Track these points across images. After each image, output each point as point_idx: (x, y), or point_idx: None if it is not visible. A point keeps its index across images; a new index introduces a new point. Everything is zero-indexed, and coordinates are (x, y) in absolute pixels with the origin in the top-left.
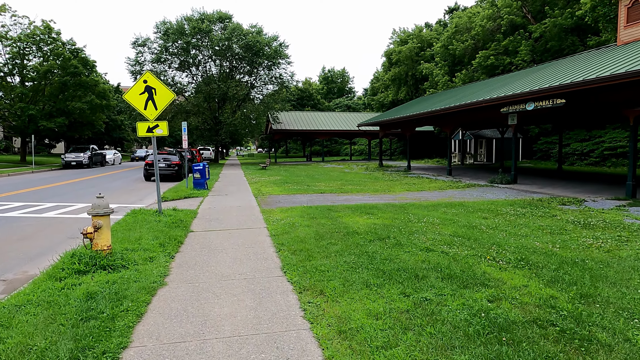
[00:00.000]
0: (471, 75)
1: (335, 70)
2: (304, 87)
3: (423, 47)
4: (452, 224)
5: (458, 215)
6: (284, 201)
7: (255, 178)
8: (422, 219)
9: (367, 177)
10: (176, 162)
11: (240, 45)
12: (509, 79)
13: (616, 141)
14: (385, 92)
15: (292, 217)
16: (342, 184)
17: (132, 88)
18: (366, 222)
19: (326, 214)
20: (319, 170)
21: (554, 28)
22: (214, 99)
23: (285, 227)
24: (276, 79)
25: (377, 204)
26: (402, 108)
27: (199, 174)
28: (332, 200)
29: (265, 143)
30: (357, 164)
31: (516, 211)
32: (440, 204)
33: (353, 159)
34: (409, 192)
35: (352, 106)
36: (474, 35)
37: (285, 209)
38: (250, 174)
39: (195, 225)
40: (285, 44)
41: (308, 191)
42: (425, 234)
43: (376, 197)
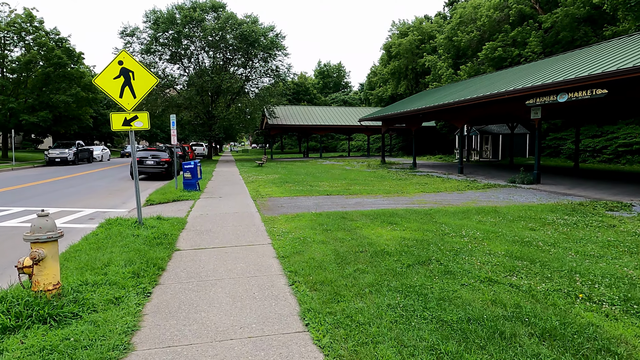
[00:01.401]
0: (477, 68)
1: (331, 65)
2: (299, 82)
3: (424, 39)
4: (499, 239)
5: (498, 225)
6: (287, 205)
7: (252, 176)
8: (459, 231)
9: (372, 175)
10: (166, 160)
11: (235, 35)
12: (528, 70)
13: (631, 137)
14: (384, 86)
15: (301, 228)
16: (347, 184)
17: (104, 71)
18: (392, 235)
19: (341, 224)
20: (318, 168)
21: (565, 18)
22: (207, 93)
23: (294, 243)
24: (272, 71)
25: (397, 210)
26: (406, 102)
27: (189, 174)
28: (342, 204)
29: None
30: (357, 161)
31: (564, 220)
32: (470, 210)
33: (351, 155)
34: (425, 194)
35: (348, 101)
36: (479, 26)
37: (290, 217)
38: (246, 172)
39: (183, 241)
40: (282, 35)
41: (312, 192)
42: (473, 253)
43: (390, 200)
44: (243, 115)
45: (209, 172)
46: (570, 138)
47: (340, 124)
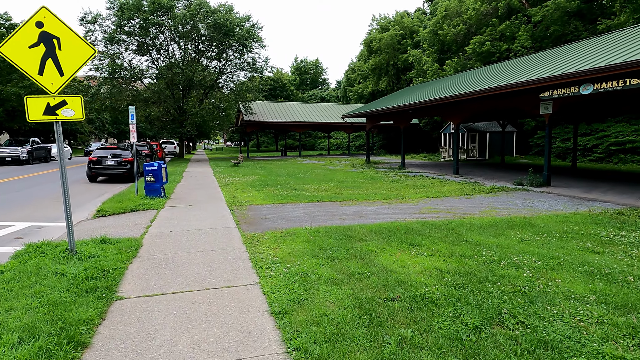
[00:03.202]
0: (464, 63)
1: (308, 61)
2: (276, 77)
3: (405, 34)
4: (565, 269)
5: (547, 245)
6: (272, 217)
7: (228, 178)
8: (506, 257)
9: (360, 176)
10: (128, 159)
11: (208, 24)
12: (527, 63)
13: (623, 135)
14: (364, 82)
15: (297, 253)
16: (336, 187)
17: (14, 35)
18: (422, 264)
19: (348, 247)
20: (300, 168)
21: (556, 11)
22: (178, 86)
23: (292, 283)
24: (248, 64)
25: (409, 224)
26: (391, 98)
27: (152, 177)
28: (340, 214)
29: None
30: (339, 160)
31: (622, 237)
32: (498, 223)
33: (331, 153)
34: (430, 200)
35: (326, 98)
36: (466, 20)
37: (279, 235)
38: (221, 173)
39: (130, 281)
40: (258, 26)
41: (299, 198)
42: (552, 299)
43: (394, 209)
44: (217, 111)
45: (178, 172)
46: (559, 136)
47: (320, 121)
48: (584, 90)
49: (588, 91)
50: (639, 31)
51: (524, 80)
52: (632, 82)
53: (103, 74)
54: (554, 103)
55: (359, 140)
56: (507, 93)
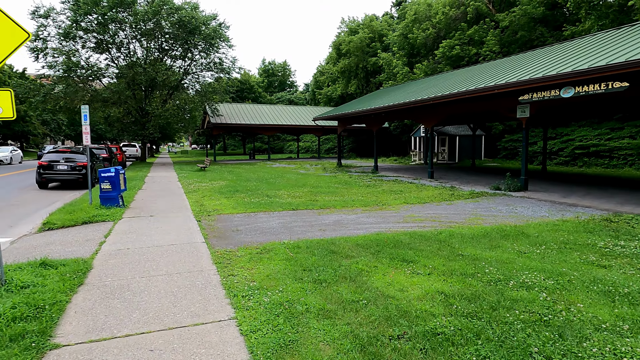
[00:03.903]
0: (434, 67)
1: (276, 63)
2: (243, 79)
3: (374, 38)
4: (578, 289)
5: (548, 259)
6: (245, 228)
7: (194, 184)
8: (511, 274)
9: (333, 181)
10: (83, 164)
11: (172, 22)
12: (502, 65)
13: (587, 139)
14: (333, 85)
15: (277, 276)
16: (311, 193)
17: None
18: (422, 286)
19: (335, 267)
20: (270, 172)
21: (523, 17)
22: (140, 86)
23: (276, 318)
24: (215, 64)
25: (397, 236)
26: (362, 100)
27: (109, 184)
28: (319, 225)
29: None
30: (309, 163)
31: (622, 247)
32: (489, 233)
33: (301, 156)
34: (411, 206)
35: (294, 100)
36: (435, 24)
37: (254, 252)
38: (187, 178)
39: (72, 321)
40: (225, 25)
41: (273, 206)
42: (580, 330)
43: (377, 217)
44: (182, 113)
45: (140, 178)
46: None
47: (289, 124)
48: (565, 94)
49: (569, 94)
50: (620, 34)
51: (503, 83)
52: (615, 85)
53: (57, 72)
54: (531, 106)
55: (329, 143)
56: (486, 96)
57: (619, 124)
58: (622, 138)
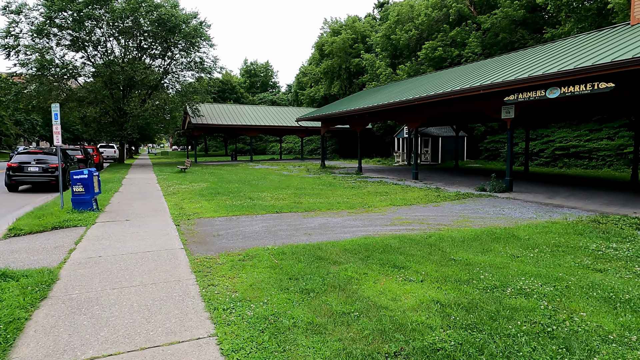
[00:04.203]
0: (417, 68)
1: (258, 64)
2: (225, 79)
3: (357, 39)
4: (576, 295)
5: (542, 262)
6: (226, 233)
7: (173, 186)
8: (507, 280)
9: (317, 182)
10: (56, 165)
11: (151, 20)
12: (487, 66)
13: (567, 141)
14: (316, 86)
15: (261, 285)
16: (295, 195)
17: None
18: (415, 295)
19: (323, 274)
20: (252, 173)
21: (504, 19)
22: (117, 85)
23: (260, 335)
24: (196, 64)
25: (385, 239)
26: (346, 101)
27: (81, 187)
28: (304, 228)
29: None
30: (292, 165)
31: (615, 250)
32: (479, 236)
33: (283, 158)
34: (398, 208)
35: (277, 101)
36: (418, 25)
37: (237, 258)
38: (166, 180)
39: (31, 342)
40: (206, 23)
41: (256, 209)
42: (584, 340)
43: (363, 220)
44: (162, 114)
45: (117, 180)
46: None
47: (272, 125)
48: (551, 94)
49: (555, 95)
50: (605, 35)
51: (488, 84)
52: (600, 85)
53: (30, 71)
54: (516, 107)
55: (312, 144)
56: (471, 96)
57: (597, 125)
58: (601, 139)
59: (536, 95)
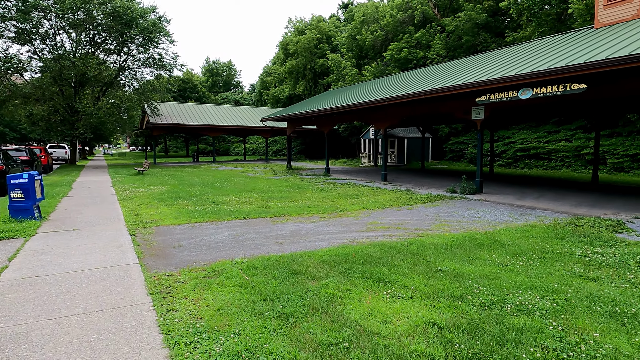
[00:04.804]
0: (382, 69)
1: (220, 62)
2: (186, 78)
3: (322, 39)
4: (577, 309)
5: (532, 271)
6: (188, 243)
7: (130, 189)
8: (503, 294)
9: (285, 184)
10: None
11: (105, 13)
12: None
13: (527, 142)
14: (281, 86)
15: (231, 311)
16: (262, 198)
17: None
18: (408, 317)
19: (301, 293)
20: (216, 175)
21: (467, 22)
22: (68, 82)
23: None
24: (155, 60)
25: (364, 248)
26: (312, 101)
27: (21, 192)
28: (276, 236)
29: (140, 140)
30: (257, 166)
31: (598, 254)
32: (461, 242)
33: (247, 159)
34: (371, 212)
35: (240, 101)
36: (383, 26)
37: (201, 275)
38: (122, 183)
39: None
40: (166, 18)
41: (221, 215)
42: None
43: (337, 225)
44: (118, 112)
45: (67, 183)
46: (471, 142)
47: (235, 125)
48: (523, 95)
49: (527, 96)
50: (572, 38)
51: (460, 84)
52: (573, 87)
53: None
54: (486, 108)
55: (277, 145)
56: (442, 97)
57: (555, 127)
58: (559, 141)
59: (508, 96)
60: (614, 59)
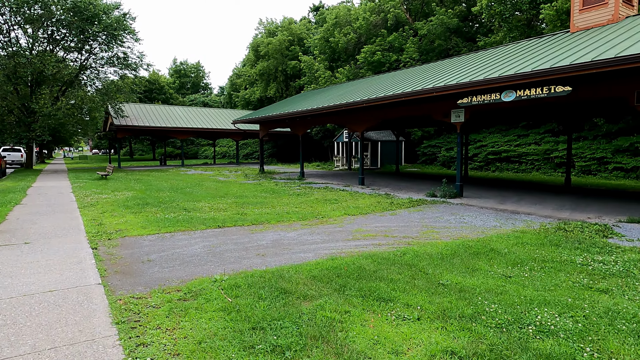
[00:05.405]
0: (356, 72)
1: (188, 63)
2: (152, 79)
3: (294, 41)
4: (606, 329)
5: (539, 283)
6: (159, 257)
7: (92, 195)
8: (517, 313)
9: (259, 189)
10: None
11: (65, 8)
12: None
13: (498, 145)
14: (252, 88)
15: (214, 346)
16: (237, 204)
17: None
18: (420, 344)
19: (295, 317)
20: (186, 180)
21: (440, 27)
22: (24, 80)
23: None
24: (119, 59)
25: (356, 260)
26: (286, 103)
27: None
28: (256, 247)
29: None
30: (228, 170)
31: (599, 262)
32: (455, 251)
33: (217, 162)
34: (354, 218)
35: (209, 103)
36: (356, 29)
37: (175, 297)
38: (83, 188)
39: None
40: (131, 16)
41: (194, 223)
42: None
43: (321, 234)
44: (79, 113)
45: (21, 189)
46: (444, 146)
47: (205, 127)
48: (506, 97)
49: (510, 98)
50: (550, 41)
51: (442, 86)
52: (557, 89)
53: None
54: (466, 111)
55: (247, 148)
56: (422, 99)
57: (524, 131)
58: (529, 144)
59: (491, 99)
60: (601, 61)
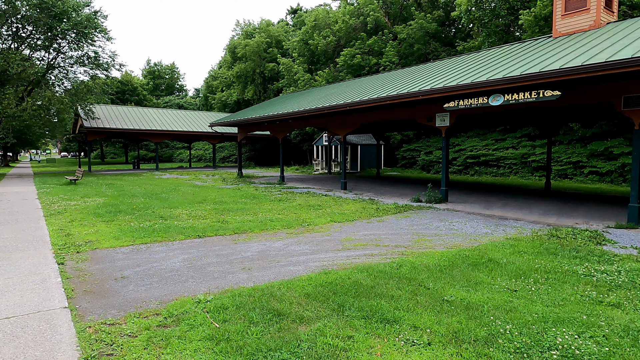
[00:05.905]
0: (335, 75)
1: (163, 65)
2: (125, 80)
3: (272, 43)
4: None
5: (547, 297)
6: (134, 274)
7: (60, 202)
8: (533, 335)
9: (238, 194)
10: None
11: (31, 4)
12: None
13: (477, 149)
14: (228, 90)
15: None
16: (216, 211)
17: None
18: None
19: (293, 347)
20: (160, 184)
21: (419, 31)
22: None
23: None
24: (90, 59)
25: (351, 274)
26: (265, 106)
27: None
28: (241, 260)
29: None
30: (204, 174)
31: (601, 272)
32: (453, 262)
33: (193, 166)
34: (341, 226)
35: (184, 105)
36: (335, 31)
37: (154, 323)
38: (50, 194)
39: None
40: (102, 14)
41: (171, 232)
42: None
43: (309, 244)
44: (46, 115)
45: None
46: (423, 149)
47: (180, 130)
48: (494, 102)
49: (498, 102)
50: (533, 46)
51: (428, 89)
52: (546, 93)
53: None
54: (451, 115)
55: (224, 151)
56: (407, 102)
57: (501, 135)
58: (507, 149)
59: (478, 102)
60: (591, 65)
